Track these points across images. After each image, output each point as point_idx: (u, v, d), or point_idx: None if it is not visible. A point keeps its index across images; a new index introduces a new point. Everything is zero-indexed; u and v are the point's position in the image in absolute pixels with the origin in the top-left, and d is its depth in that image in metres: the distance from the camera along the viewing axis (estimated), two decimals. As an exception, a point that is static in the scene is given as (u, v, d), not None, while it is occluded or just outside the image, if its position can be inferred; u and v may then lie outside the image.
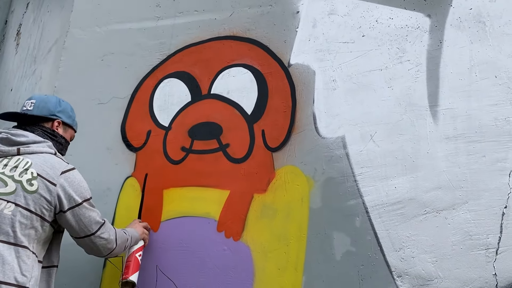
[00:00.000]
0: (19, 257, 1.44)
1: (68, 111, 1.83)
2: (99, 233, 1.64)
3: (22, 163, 1.53)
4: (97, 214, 1.65)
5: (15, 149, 1.56)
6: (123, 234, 1.78)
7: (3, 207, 1.45)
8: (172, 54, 2.38)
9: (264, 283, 1.82)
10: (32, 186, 1.49)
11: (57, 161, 1.61)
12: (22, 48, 4.76)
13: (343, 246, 1.71)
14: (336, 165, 1.81)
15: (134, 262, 1.89)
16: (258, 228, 1.91)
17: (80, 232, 1.61)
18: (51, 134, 1.72)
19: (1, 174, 1.51)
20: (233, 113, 2.13)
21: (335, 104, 1.89)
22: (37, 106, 1.73)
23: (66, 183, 1.56)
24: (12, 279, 1.40)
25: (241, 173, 2.02)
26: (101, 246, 1.66)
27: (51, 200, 1.52)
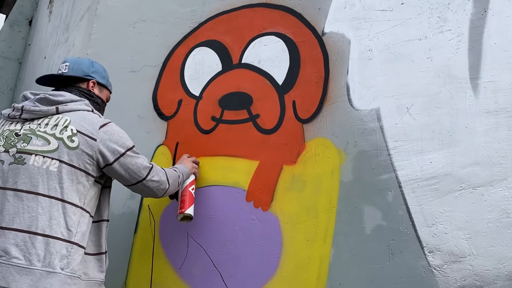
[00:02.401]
0: (65, 212, 1.48)
1: (101, 72, 1.86)
2: (150, 177, 1.68)
3: (62, 121, 1.56)
4: (143, 159, 1.69)
5: (54, 108, 1.59)
6: (174, 172, 1.82)
7: (49, 164, 1.49)
8: (203, 22, 2.35)
9: (292, 254, 1.83)
10: (73, 142, 1.53)
11: (95, 117, 1.64)
12: (55, 16, 4.81)
13: (373, 220, 1.69)
14: (369, 138, 1.76)
15: (189, 196, 1.94)
16: (287, 199, 1.91)
17: (131, 180, 1.66)
18: (88, 94, 1.75)
19: (43, 133, 1.54)
20: (264, 83, 2.10)
21: (370, 75, 1.83)
22: (71, 68, 1.77)
23: (106, 136, 1.59)
24: (59, 234, 1.45)
25: (270, 144, 2.00)
26: (155, 189, 1.72)
27: (92, 154, 1.56)
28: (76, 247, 1.50)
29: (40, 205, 1.45)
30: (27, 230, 1.41)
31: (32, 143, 1.52)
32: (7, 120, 1.64)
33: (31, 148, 1.51)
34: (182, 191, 1.96)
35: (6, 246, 1.38)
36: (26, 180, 1.47)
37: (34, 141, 1.52)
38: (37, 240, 1.41)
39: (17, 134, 1.56)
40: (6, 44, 6.33)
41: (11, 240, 1.39)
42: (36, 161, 1.49)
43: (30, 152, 1.51)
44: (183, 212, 1.90)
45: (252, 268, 1.89)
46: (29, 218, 1.43)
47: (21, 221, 1.42)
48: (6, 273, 1.35)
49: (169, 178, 1.77)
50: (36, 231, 1.42)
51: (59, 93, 1.66)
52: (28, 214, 1.43)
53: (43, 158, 1.50)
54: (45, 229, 1.44)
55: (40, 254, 1.40)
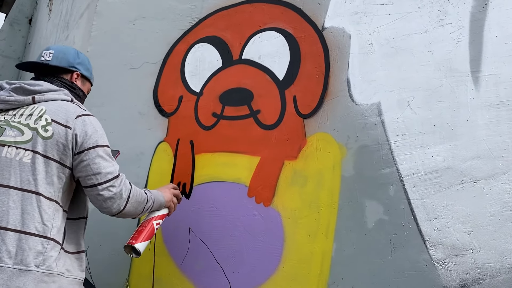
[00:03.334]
0: (40, 206, 1.41)
1: (86, 64, 1.77)
2: (108, 185, 1.49)
3: (37, 111, 1.49)
4: (111, 165, 1.53)
5: (30, 98, 1.52)
6: (142, 195, 1.62)
7: (22, 155, 1.43)
8: (203, 18, 2.34)
9: (294, 249, 1.83)
10: (47, 132, 1.45)
11: (73, 106, 1.55)
12: (55, 14, 4.80)
13: (375, 214, 1.69)
14: (371, 133, 1.76)
15: (149, 230, 1.72)
16: (289, 195, 1.91)
17: (87, 181, 1.49)
18: (70, 86, 1.67)
19: (18, 123, 1.48)
20: (265, 79, 2.10)
21: (371, 69, 1.82)
22: (56, 56, 1.67)
23: (82, 125, 1.50)
24: (33, 229, 1.38)
25: (272, 139, 2.00)
26: (108, 200, 1.50)
27: (67, 143, 1.47)
28: (53, 242, 1.42)
29: (12, 198, 1.39)
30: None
31: (5, 134, 1.46)
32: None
33: (4, 139, 1.45)
34: (145, 220, 1.76)
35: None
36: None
37: (8, 131, 1.46)
38: (8, 236, 1.34)
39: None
40: (6, 43, 6.33)
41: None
42: (8, 152, 1.43)
43: (2, 143, 1.45)
44: (132, 244, 1.65)
45: (254, 264, 1.90)
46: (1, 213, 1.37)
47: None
48: None
49: (132, 198, 1.55)
50: (7, 227, 1.35)
51: (36, 82, 1.58)
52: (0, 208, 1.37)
53: (16, 149, 1.44)
54: (17, 224, 1.36)
55: (11, 251, 1.34)
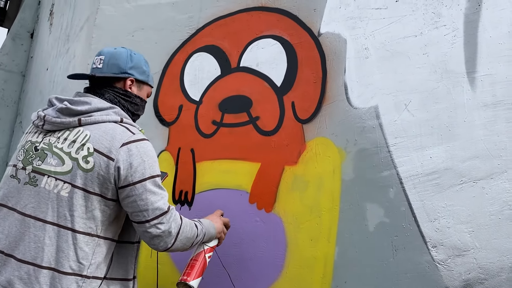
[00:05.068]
0: (75, 244, 1.29)
1: (141, 66, 1.58)
2: (156, 222, 1.36)
3: (81, 137, 1.35)
4: (160, 198, 1.38)
5: (76, 120, 1.38)
6: (192, 230, 1.49)
7: (60, 188, 1.31)
8: (201, 28, 2.37)
9: (297, 254, 1.84)
10: (88, 163, 1.32)
11: (120, 131, 1.38)
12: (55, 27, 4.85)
13: (376, 217, 1.70)
14: (369, 136, 1.77)
15: (202, 264, 1.63)
16: (290, 200, 1.92)
17: (134, 216, 1.37)
18: (124, 95, 1.51)
19: (60, 150, 1.35)
20: (263, 86, 2.12)
21: (367, 73, 1.84)
22: (106, 63, 1.51)
23: (126, 156, 1.33)
24: (67, 268, 1.28)
25: (271, 145, 2.02)
26: (156, 239, 1.38)
27: (109, 177, 1.32)
28: (89, 280, 1.31)
29: (48, 234, 1.28)
30: (31, 262, 1.26)
31: (46, 161, 1.35)
32: (33, 128, 1.47)
33: (44, 167, 1.34)
34: (196, 254, 1.65)
35: (10, 277, 1.26)
36: (35, 205, 1.31)
37: (49, 159, 1.35)
38: (42, 274, 1.25)
39: (36, 148, 1.39)
40: (9, 57, 6.40)
41: (15, 272, 1.26)
42: (48, 183, 1.32)
43: (43, 172, 1.33)
44: (186, 281, 1.58)
45: (257, 270, 1.90)
46: (34, 249, 1.27)
47: (26, 251, 1.27)
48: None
49: (180, 235, 1.43)
50: (41, 264, 1.26)
51: (83, 100, 1.42)
52: (34, 244, 1.27)
53: (55, 180, 1.31)
54: (51, 262, 1.27)
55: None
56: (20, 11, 7.09)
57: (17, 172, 1.39)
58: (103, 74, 1.51)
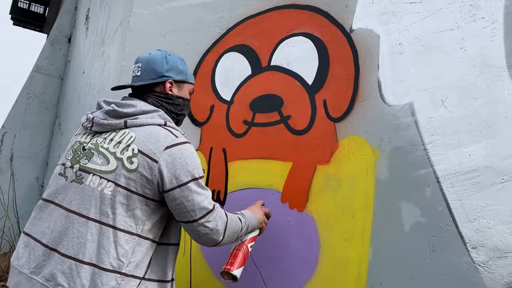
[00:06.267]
0: (116, 241, 1.33)
1: (177, 66, 1.62)
2: (203, 221, 1.41)
3: (126, 138, 1.40)
4: (205, 198, 1.42)
5: (122, 122, 1.43)
6: (237, 224, 1.55)
7: (103, 187, 1.35)
8: (231, 28, 2.37)
9: (330, 254, 1.81)
10: (132, 164, 1.35)
11: (164, 134, 1.42)
12: (91, 31, 4.99)
13: (412, 217, 1.65)
14: (404, 134, 1.73)
15: (244, 254, 1.67)
16: (322, 199, 1.90)
17: (181, 217, 1.42)
18: (165, 98, 1.56)
19: (106, 150, 1.40)
20: (294, 84, 2.10)
21: (402, 69, 1.79)
22: (144, 69, 1.57)
23: (170, 159, 1.37)
24: (107, 264, 1.31)
25: (303, 144, 2.00)
26: (204, 236, 1.44)
27: (152, 178, 1.36)
28: (128, 278, 1.33)
29: (90, 231, 1.32)
30: (74, 257, 1.30)
31: (92, 160, 1.40)
32: (82, 129, 1.54)
33: (90, 166, 1.39)
34: (238, 244, 1.70)
35: (53, 271, 1.30)
36: (79, 202, 1.35)
37: (95, 158, 1.40)
38: (83, 269, 1.28)
39: (83, 148, 1.45)
40: (48, 62, 6.64)
41: (58, 266, 1.29)
42: (92, 181, 1.37)
43: (88, 171, 1.38)
44: (229, 270, 1.62)
45: (290, 270, 1.89)
46: (77, 244, 1.31)
47: (69, 246, 1.31)
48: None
49: (228, 230, 1.48)
50: (83, 260, 1.29)
51: (130, 103, 1.48)
52: (77, 239, 1.31)
53: (99, 179, 1.36)
54: (92, 258, 1.30)
55: (85, 285, 1.28)
56: (58, 17, 7.34)
57: (65, 171, 1.44)
58: (143, 82, 1.56)
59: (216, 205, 1.47)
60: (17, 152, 6.02)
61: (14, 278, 1.37)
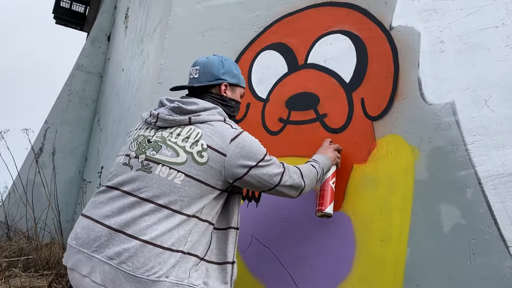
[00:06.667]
0: (180, 224, 1.44)
1: (232, 70, 1.76)
2: (282, 182, 1.60)
3: (193, 134, 1.52)
4: (274, 166, 1.59)
5: (187, 118, 1.56)
6: (311, 170, 1.72)
7: (174, 176, 1.46)
8: (268, 26, 2.38)
9: (366, 254, 1.80)
10: (203, 158, 1.48)
11: (226, 128, 1.55)
12: (130, 30, 5.12)
13: (452, 219, 1.61)
14: (445, 133, 1.69)
15: (330, 191, 1.84)
16: (359, 199, 1.88)
17: (263, 188, 1.60)
18: (220, 99, 1.70)
19: (174, 143, 1.52)
20: (331, 82, 2.09)
21: (443, 67, 1.75)
22: (201, 72, 1.72)
23: (237, 150, 1.51)
24: (169, 244, 1.41)
25: (339, 143, 1.99)
26: (289, 192, 1.64)
27: (221, 170, 1.50)
28: (184, 255, 1.44)
29: (158, 215, 1.42)
30: (140, 238, 1.39)
31: (161, 152, 1.50)
32: (144, 125, 1.65)
33: (159, 157, 1.50)
34: (321, 185, 1.86)
35: (119, 250, 1.38)
36: (149, 189, 1.45)
37: (164, 150, 1.51)
38: (147, 249, 1.38)
39: (149, 140, 1.56)
40: (88, 59, 6.86)
41: (123, 245, 1.38)
42: (162, 171, 1.47)
43: (158, 161, 1.49)
44: (322, 210, 1.82)
45: (325, 269, 1.89)
46: (144, 227, 1.40)
47: (136, 228, 1.40)
48: (115, 276, 1.36)
49: (305, 179, 1.67)
50: (148, 240, 1.38)
51: (192, 100, 1.61)
52: (145, 222, 1.41)
53: (169, 169, 1.47)
54: (157, 239, 1.39)
55: (148, 264, 1.37)
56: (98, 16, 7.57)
57: (129, 161, 1.54)
58: (200, 84, 1.71)
59: (284, 164, 1.64)
60: (58, 147, 6.25)
61: (73, 257, 1.45)
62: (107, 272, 1.36)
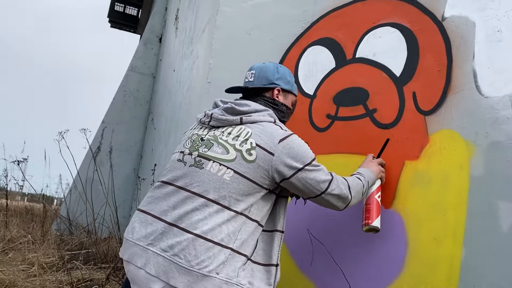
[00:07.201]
0: (229, 220, 1.48)
1: (286, 77, 1.79)
2: (329, 190, 1.60)
3: (243, 133, 1.57)
4: (322, 172, 1.60)
5: (238, 118, 1.61)
6: (357, 182, 1.71)
7: (223, 173, 1.51)
8: (315, 21, 2.36)
9: (419, 253, 1.74)
10: (251, 156, 1.52)
11: (275, 129, 1.59)
12: (180, 31, 5.25)
13: (511, 217, 1.53)
14: (503, 127, 1.60)
15: (376, 205, 1.81)
16: (411, 196, 1.83)
17: (309, 193, 1.60)
18: (272, 103, 1.73)
19: (225, 141, 1.57)
20: (380, 76, 2.04)
21: (500, 58, 1.66)
22: (257, 76, 1.76)
23: (285, 150, 1.54)
24: (219, 239, 1.45)
25: (390, 139, 1.94)
26: (335, 202, 1.63)
27: (268, 169, 1.52)
28: (234, 253, 1.47)
29: (208, 210, 1.47)
30: (191, 231, 1.44)
31: (212, 149, 1.56)
32: (199, 124, 1.72)
33: (210, 154, 1.55)
34: (367, 199, 1.83)
35: (172, 243, 1.43)
36: (200, 184, 1.51)
37: (215, 148, 1.56)
38: (199, 243, 1.42)
39: (202, 139, 1.62)
40: (141, 61, 7.11)
41: (176, 238, 1.43)
42: (212, 167, 1.53)
43: (209, 158, 1.55)
44: (369, 224, 1.78)
45: (376, 268, 1.85)
46: (196, 221, 1.45)
47: (188, 222, 1.45)
48: (167, 268, 1.41)
49: (352, 190, 1.66)
50: (200, 234, 1.43)
51: (244, 102, 1.66)
52: (196, 216, 1.46)
53: (219, 165, 1.52)
54: (207, 234, 1.44)
55: (199, 257, 1.41)
56: (150, 18, 7.82)
57: (183, 157, 1.61)
58: (254, 86, 1.76)
59: (333, 173, 1.64)
60: (115, 145, 6.54)
61: (129, 250, 1.52)
62: (161, 264, 1.42)
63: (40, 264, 3.57)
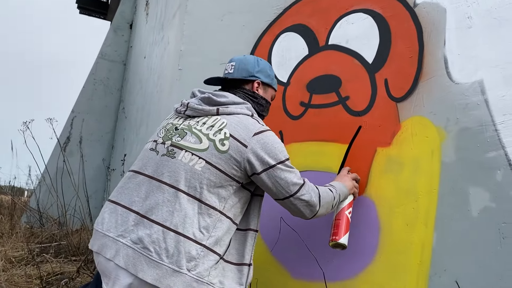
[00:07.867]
0: (200, 213, 1.44)
1: (266, 70, 1.78)
2: (299, 194, 1.55)
3: (218, 123, 1.54)
4: (294, 175, 1.56)
5: (215, 109, 1.58)
6: (329, 194, 1.66)
7: (195, 163, 1.48)
8: (288, 7, 2.33)
9: (391, 239, 1.76)
10: (224, 146, 1.49)
11: (252, 122, 1.56)
12: (151, 17, 5.12)
13: (480, 202, 1.55)
14: (473, 113, 1.62)
15: (345, 221, 1.77)
16: (383, 183, 1.84)
17: (278, 194, 1.56)
18: (252, 96, 1.71)
19: (199, 131, 1.54)
20: (353, 63, 2.03)
21: (471, 44, 1.67)
22: (237, 68, 1.74)
23: (258, 144, 1.51)
24: (190, 233, 1.41)
25: (362, 126, 1.94)
26: (303, 208, 1.58)
27: (240, 161, 1.49)
28: (207, 251, 1.43)
29: (179, 201, 1.43)
30: (162, 223, 1.40)
31: (185, 138, 1.53)
32: (175, 114, 1.68)
33: (183, 143, 1.52)
34: (337, 214, 1.79)
35: (142, 235, 1.40)
36: (171, 174, 1.47)
37: (188, 137, 1.53)
38: (169, 236, 1.39)
39: (176, 128, 1.59)
40: (111, 48, 6.91)
41: (147, 231, 1.40)
42: (184, 156, 1.49)
43: (181, 147, 1.51)
44: (336, 240, 1.74)
45: (349, 254, 1.86)
46: (166, 213, 1.42)
47: (158, 214, 1.42)
48: (137, 261, 1.37)
49: (322, 200, 1.60)
50: (170, 227, 1.40)
51: (222, 93, 1.64)
52: (166, 208, 1.42)
53: (191, 155, 1.49)
54: (178, 227, 1.40)
55: (170, 251, 1.38)
56: (120, 4, 7.59)
57: (156, 146, 1.58)
58: (234, 77, 1.74)
59: (305, 179, 1.59)
60: (85, 135, 6.37)
61: (98, 241, 1.48)
62: (130, 256, 1.38)
63: (8, 258, 3.46)
